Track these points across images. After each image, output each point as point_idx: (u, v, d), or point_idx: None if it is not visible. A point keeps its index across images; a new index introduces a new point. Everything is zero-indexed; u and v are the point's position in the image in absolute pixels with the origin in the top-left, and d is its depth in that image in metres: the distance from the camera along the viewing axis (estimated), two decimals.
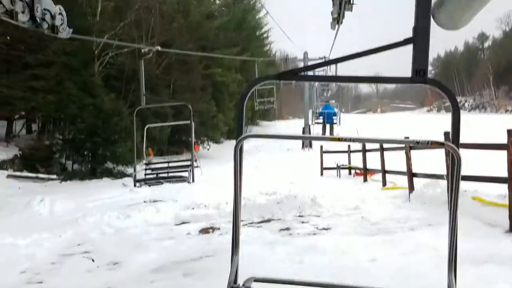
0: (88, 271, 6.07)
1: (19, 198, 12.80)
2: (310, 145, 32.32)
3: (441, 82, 2.13)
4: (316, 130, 37.89)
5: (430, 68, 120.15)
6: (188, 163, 13.44)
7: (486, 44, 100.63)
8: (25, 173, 17.53)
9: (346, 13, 3.63)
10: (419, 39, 1.98)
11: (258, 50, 51.26)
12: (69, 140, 20.05)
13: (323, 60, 32.19)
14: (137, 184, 12.60)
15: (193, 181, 12.32)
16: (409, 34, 2.11)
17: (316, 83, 38.30)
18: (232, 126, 39.78)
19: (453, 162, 2.07)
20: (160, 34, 25.51)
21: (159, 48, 9.65)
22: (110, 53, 21.31)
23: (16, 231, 8.71)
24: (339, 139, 2.25)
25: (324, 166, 17.78)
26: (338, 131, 36.61)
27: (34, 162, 18.67)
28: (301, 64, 43.10)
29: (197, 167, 13.26)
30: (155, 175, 13.77)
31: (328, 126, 38.82)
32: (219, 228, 8.00)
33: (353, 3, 3.18)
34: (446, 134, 7.71)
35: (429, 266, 4.64)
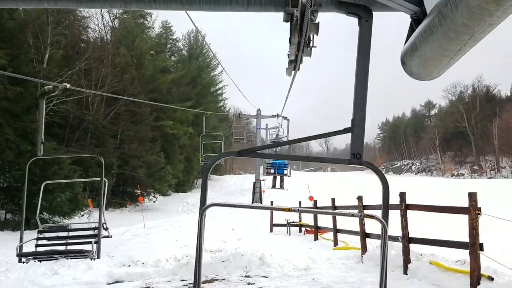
0: None
1: None
2: (260, 201, 31.92)
3: (373, 164, 2.44)
4: (267, 183, 37.73)
5: (379, 131, 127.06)
6: (95, 231, 9.22)
7: (432, 112, 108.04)
8: None
9: (304, 58, 3.35)
10: (356, 129, 2.33)
11: (211, 105, 51.72)
12: (3, 188, 18.52)
13: (276, 117, 33.02)
14: (23, 260, 8.70)
15: (98, 257, 8.73)
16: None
17: (268, 139, 38.71)
18: (181, 178, 38.83)
19: (383, 233, 2.36)
20: (110, 84, 25.04)
21: (67, 85, 7.04)
22: (55, 101, 20.46)
23: None
24: (289, 210, 2.57)
25: (274, 222, 17.30)
26: (288, 183, 36.56)
27: None
28: (254, 120, 43.80)
29: (107, 236, 9.67)
30: (50, 246, 9.52)
31: (278, 177, 38.87)
32: None
33: (313, 47, 2.89)
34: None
35: None
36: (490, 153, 78.38)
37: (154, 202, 31.32)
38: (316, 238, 13.65)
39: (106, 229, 9.36)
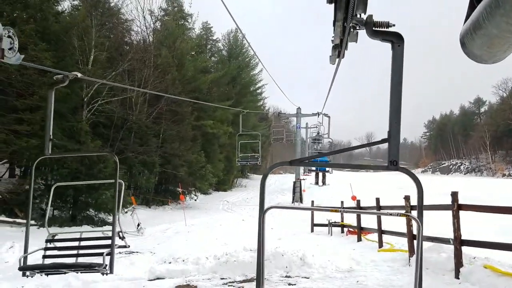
0: None
1: None
2: (301, 200, 31.57)
3: (409, 170, 2.78)
4: (307, 183, 37.31)
5: (425, 130, 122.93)
6: (108, 241, 7.55)
7: (482, 109, 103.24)
8: (1, 217, 16.72)
9: (350, 44, 3.14)
10: (392, 140, 2.61)
11: (251, 104, 51.82)
12: (50, 185, 19.26)
13: (316, 115, 32.52)
14: (27, 273, 7.47)
15: (111, 271, 7.36)
16: None
17: (309, 139, 38.26)
18: (221, 177, 39.12)
19: (418, 230, 2.74)
20: (152, 84, 25.58)
21: (78, 74, 5.87)
22: (100, 101, 21.13)
23: None
24: (336, 211, 3.12)
25: (315, 222, 16.97)
26: (330, 179, 36.02)
27: (13, 207, 17.84)
28: (294, 119, 43.45)
29: (124, 246, 8.19)
30: (59, 258, 8.07)
31: (320, 174, 38.35)
32: (196, 286, 7.13)
33: (359, 29, 2.68)
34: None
35: None
36: None
37: (195, 200, 31.72)
38: (359, 239, 13.22)
39: (123, 238, 7.79)
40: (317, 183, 35.35)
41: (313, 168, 37.65)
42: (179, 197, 24.75)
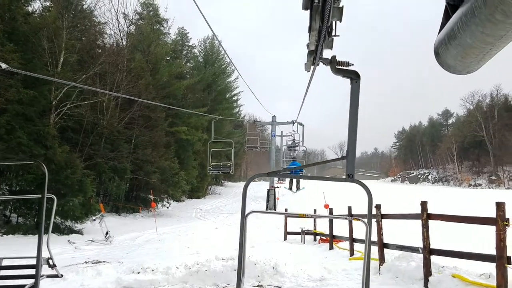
0: None
1: None
2: (275, 207, 31.55)
3: (360, 181, 3.11)
4: (282, 191, 37.34)
5: (395, 140, 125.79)
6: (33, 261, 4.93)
7: (450, 121, 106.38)
8: None
9: (325, 51, 3.19)
10: (349, 157, 3.05)
11: (226, 111, 51.70)
12: (15, 192, 18.54)
13: (291, 123, 32.80)
14: None
15: None
16: None
17: (284, 147, 38.39)
18: (195, 185, 38.69)
19: (366, 233, 3.01)
20: (125, 89, 25.10)
21: (2, 65, 5.27)
22: (69, 105, 20.50)
23: None
24: (304, 215, 3.54)
25: (288, 230, 16.94)
26: (305, 184, 36.24)
27: None
28: (269, 127, 43.58)
29: (56, 276, 5.21)
30: None
31: (294, 181, 38.57)
32: None
33: (335, 36, 2.76)
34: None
35: None
36: (509, 163, 76.63)
37: (168, 208, 31.23)
38: (331, 247, 13.26)
39: (53, 266, 5.37)
40: (291, 188, 35.53)
41: (284, 183, 37.63)
42: (150, 205, 24.32)
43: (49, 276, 5.71)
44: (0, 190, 18.80)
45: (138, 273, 8.09)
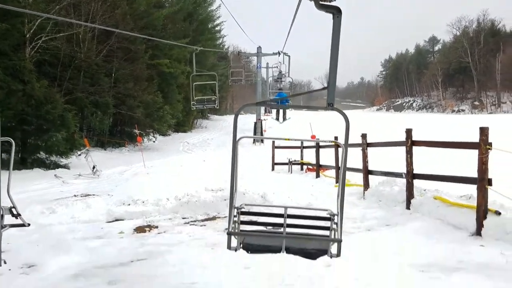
0: None
1: None
2: (262, 141, 31.86)
3: (339, 109, 3.42)
4: (268, 124, 37.53)
5: (381, 69, 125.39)
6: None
7: (436, 47, 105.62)
8: None
9: None
10: (330, 88, 3.35)
11: (209, 43, 50.13)
12: None
13: (277, 54, 32.21)
14: None
15: None
16: None
17: (270, 78, 37.94)
18: (180, 119, 38.50)
19: (343, 153, 3.41)
20: (101, 19, 23.84)
21: None
22: (44, 37, 19.53)
23: None
24: (288, 139, 3.81)
25: (276, 161, 17.23)
26: (292, 114, 36.42)
27: None
28: (255, 59, 42.67)
29: (22, 225, 4.82)
30: None
31: (281, 111, 38.70)
32: (157, 227, 7.11)
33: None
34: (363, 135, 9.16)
35: (391, 275, 4.02)
36: (492, 89, 77.68)
37: (154, 142, 31.25)
38: (317, 176, 13.59)
39: (17, 215, 4.90)
40: (278, 119, 35.87)
41: (271, 114, 37.55)
42: (136, 139, 24.24)
43: (13, 226, 5.11)
44: None
45: (129, 205, 8.20)
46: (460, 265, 4.22)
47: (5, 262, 5.42)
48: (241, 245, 5.68)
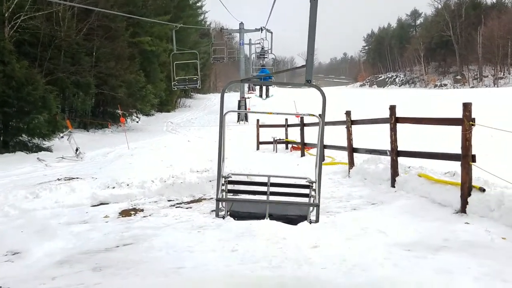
0: None
1: None
2: (246, 119, 31.76)
3: (317, 85, 4.00)
4: (252, 102, 37.35)
5: (364, 44, 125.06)
6: None
7: (418, 21, 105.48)
8: None
9: None
10: (308, 66, 3.78)
11: (191, 19, 49.12)
12: None
13: (259, 31, 31.83)
14: None
15: None
16: None
17: (253, 55, 37.50)
18: (163, 98, 37.97)
19: (319, 125, 4.32)
20: None
21: None
22: (22, 16, 18.89)
23: None
24: (270, 113, 5.05)
25: (261, 140, 17.20)
26: (275, 92, 36.28)
27: None
28: (237, 36, 42.06)
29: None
30: None
31: (264, 88, 38.43)
32: (142, 210, 7.06)
33: None
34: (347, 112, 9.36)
35: (378, 255, 4.07)
36: (474, 62, 78.34)
37: (137, 122, 30.88)
38: (303, 154, 13.63)
39: None
40: (261, 95, 35.75)
41: (254, 92, 37.32)
42: (119, 120, 23.88)
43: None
44: None
45: (113, 188, 8.11)
46: (446, 243, 4.28)
47: None
48: (228, 213, 5.91)
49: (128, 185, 8.22)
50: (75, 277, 4.44)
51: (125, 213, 6.95)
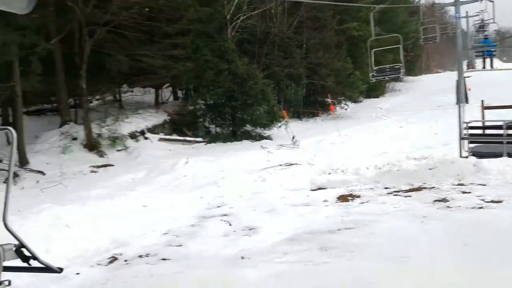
0: (225, 236, 5.96)
1: (168, 160, 13.44)
2: (467, 101, 28.27)
3: None
4: (471, 80, 33.02)
5: None
6: None
7: None
8: (174, 137, 18.90)
9: None
10: None
11: None
12: (210, 105, 20.84)
13: (478, 1, 27.83)
14: None
15: None
16: None
17: (472, 26, 32.92)
18: (371, 84, 37.14)
19: None
20: None
21: None
22: (241, 17, 21.27)
23: (160, 192, 9.17)
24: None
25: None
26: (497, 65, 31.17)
27: (182, 126, 19.92)
28: (450, 9, 37.87)
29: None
30: None
31: (488, 60, 33.30)
32: (359, 196, 7.15)
33: None
34: None
35: None
36: None
37: (346, 110, 31.16)
38: None
39: (30, 257, 1.57)
40: (484, 67, 31.06)
41: (476, 63, 32.78)
42: (329, 108, 24.62)
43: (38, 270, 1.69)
44: (197, 104, 21.34)
45: (329, 173, 8.46)
46: None
47: (230, 225, 6.43)
48: (472, 153, 7.46)
49: (343, 171, 8.43)
50: (304, 254, 4.83)
51: (343, 198, 7.16)
